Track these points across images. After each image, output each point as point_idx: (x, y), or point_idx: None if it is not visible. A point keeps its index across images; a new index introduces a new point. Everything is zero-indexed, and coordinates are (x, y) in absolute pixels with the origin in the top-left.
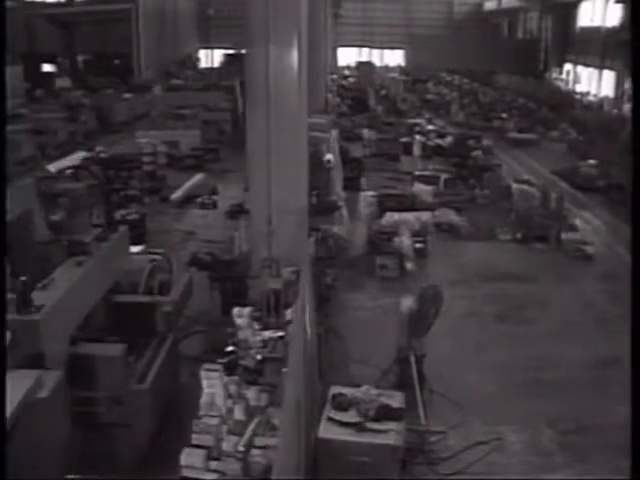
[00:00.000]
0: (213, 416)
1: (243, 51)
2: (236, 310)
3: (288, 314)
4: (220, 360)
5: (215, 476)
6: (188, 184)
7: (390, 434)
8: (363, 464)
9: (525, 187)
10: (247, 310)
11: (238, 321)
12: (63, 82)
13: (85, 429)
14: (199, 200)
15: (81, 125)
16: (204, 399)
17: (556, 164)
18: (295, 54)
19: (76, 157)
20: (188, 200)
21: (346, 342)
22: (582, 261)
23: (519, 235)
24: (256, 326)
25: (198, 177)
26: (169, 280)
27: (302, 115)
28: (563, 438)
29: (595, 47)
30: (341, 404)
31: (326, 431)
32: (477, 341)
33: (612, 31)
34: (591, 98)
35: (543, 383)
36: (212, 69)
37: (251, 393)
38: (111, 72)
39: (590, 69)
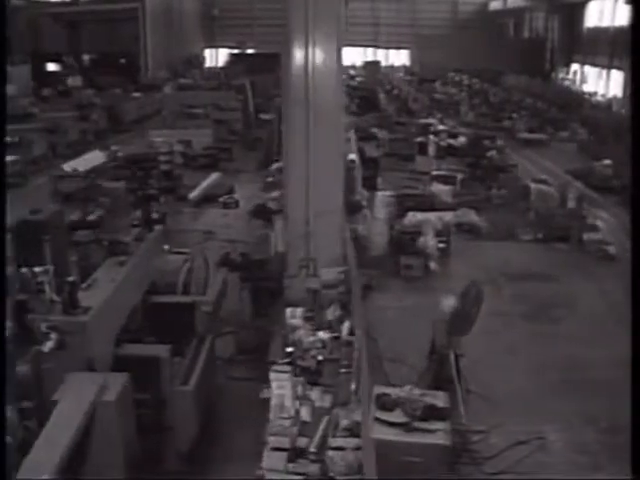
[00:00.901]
0: (285, 418)
1: (249, 51)
2: (289, 311)
3: (329, 314)
4: (282, 361)
5: (300, 477)
6: (205, 183)
7: (439, 434)
8: (413, 464)
9: (543, 187)
10: (300, 311)
11: (292, 322)
12: (74, 81)
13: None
14: (221, 200)
15: (92, 124)
16: (274, 401)
17: (568, 164)
18: (335, 54)
19: (91, 156)
20: (206, 199)
21: (377, 343)
22: (605, 261)
23: (540, 235)
24: (309, 326)
25: (214, 176)
26: (206, 280)
27: (339, 115)
28: (603, 436)
29: (603, 47)
30: (385, 404)
31: (374, 431)
32: (508, 341)
33: (620, 30)
34: (599, 98)
35: (576, 382)
36: (221, 68)
37: (315, 394)
38: (117, 71)
39: (597, 69)
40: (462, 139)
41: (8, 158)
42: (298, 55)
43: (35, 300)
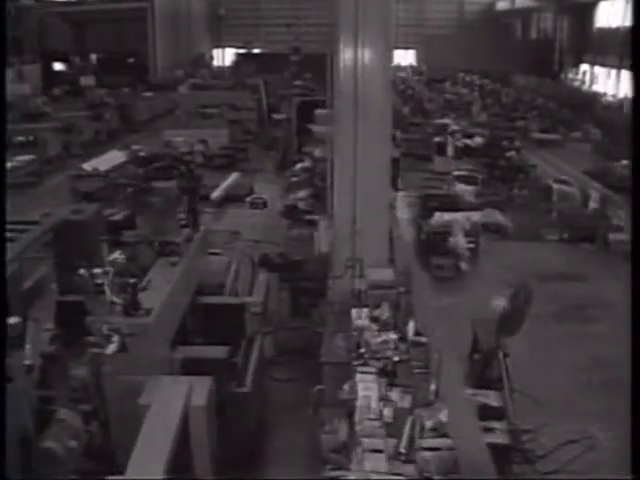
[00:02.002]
0: (372, 419)
1: (255, 50)
2: (355, 311)
3: (379, 314)
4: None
5: (401, 478)
6: (226, 183)
7: (497, 433)
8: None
9: (565, 187)
10: (365, 311)
11: (358, 323)
12: (87, 80)
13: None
14: (248, 200)
15: (105, 124)
16: (360, 402)
17: (584, 164)
18: (384, 53)
19: (110, 156)
20: (227, 199)
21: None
22: None
23: (566, 235)
24: (374, 327)
25: (234, 176)
26: (252, 281)
27: (388, 115)
28: None
29: (614, 47)
30: None
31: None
32: (544, 340)
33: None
34: (609, 98)
35: (616, 381)
36: (231, 67)
37: (395, 394)
38: (125, 71)
39: (606, 69)
40: (479, 139)
41: (26, 158)
42: (347, 55)
43: (92, 301)
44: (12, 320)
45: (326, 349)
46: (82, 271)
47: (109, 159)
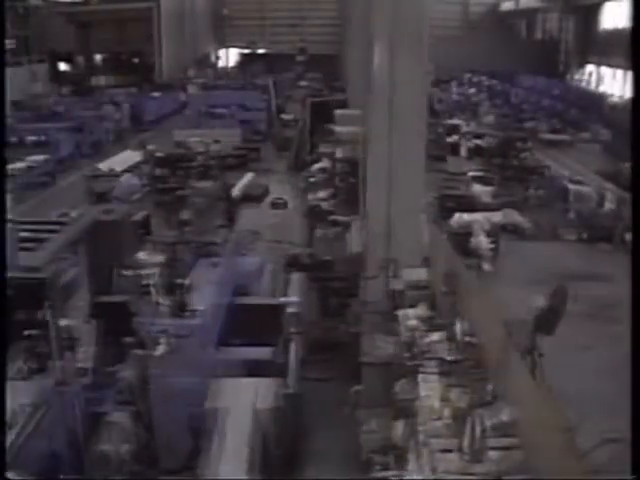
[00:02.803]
0: (435, 419)
1: (259, 50)
2: (402, 312)
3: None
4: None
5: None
6: (242, 183)
7: None
8: None
9: (582, 188)
10: (413, 312)
11: (408, 323)
12: (98, 80)
13: None
14: (269, 200)
15: (116, 123)
16: (422, 403)
17: (595, 165)
18: (419, 56)
19: (125, 156)
20: (244, 199)
21: None
22: None
23: (585, 235)
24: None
25: (249, 176)
26: (287, 281)
27: (423, 115)
28: None
29: (620, 47)
30: None
31: None
32: (574, 340)
33: None
34: (615, 99)
35: None
36: (236, 67)
37: (454, 394)
38: (129, 71)
39: (612, 70)
40: (490, 140)
41: (38, 157)
42: (382, 57)
43: (137, 302)
44: (64, 322)
45: (366, 349)
46: (127, 272)
47: (124, 159)
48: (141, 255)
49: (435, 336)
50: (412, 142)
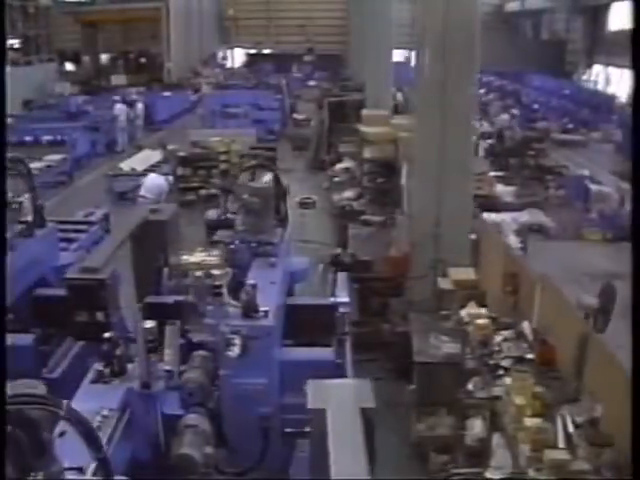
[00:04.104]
0: (525, 417)
1: (265, 51)
2: (466, 312)
3: (463, 314)
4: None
5: None
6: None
7: None
8: None
9: (604, 188)
10: (483, 311)
11: (478, 322)
12: (118, 79)
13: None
14: (297, 200)
15: (130, 122)
16: (509, 400)
17: (609, 165)
18: (470, 57)
19: (145, 155)
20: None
21: None
22: None
23: (609, 235)
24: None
25: (269, 176)
26: (334, 281)
27: (472, 117)
28: None
29: (628, 48)
30: None
31: None
32: (613, 340)
33: None
34: (624, 99)
35: None
36: (242, 67)
37: (539, 392)
38: (137, 70)
39: (620, 70)
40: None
41: (56, 157)
42: (433, 58)
43: (204, 303)
44: (148, 324)
45: (418, 349)
46: (198, 273)
47: (144, 159)
48: (197, 255)
49: (504, 334)
50: (462, 142)
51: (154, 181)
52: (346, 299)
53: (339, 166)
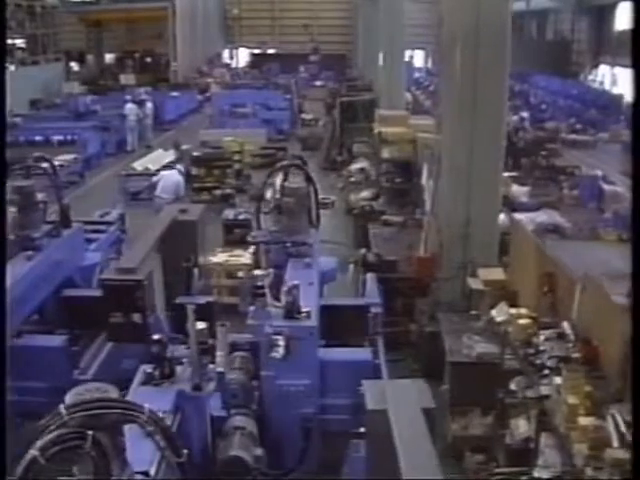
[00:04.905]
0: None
1: (270, 51)
2: (513, 311)
3: (494, 313)
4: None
5: None
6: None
7: None
8: None
9: (618, 188)
10: (524, 311)
11: (521, 322)
12: (128, 79)
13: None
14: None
15: (139, 122)
16: (559, 399)
17: (619, 165)
18: (503, 57)
19: (157, 155)
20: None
21: None
22: None
23: (624, 236)
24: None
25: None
26: (364, 282)
27: (503, 118)
28: None
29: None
30: None
31: None
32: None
33: None
34: (628, 99)
35: None
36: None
37: (588, 391)
38: (142, 70)
39: (626, 70)
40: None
41: (67, 157)
42: (463, 57)
43: (245, 304)
44: (200, 325)
45: (450, 349)
46: (240, 273)
47: (157, 158)
48: (230, 255)
49: (545, 334)
50: (493, 142)
51: (170, 179)
52: (377, 299)
53: (354, 166)
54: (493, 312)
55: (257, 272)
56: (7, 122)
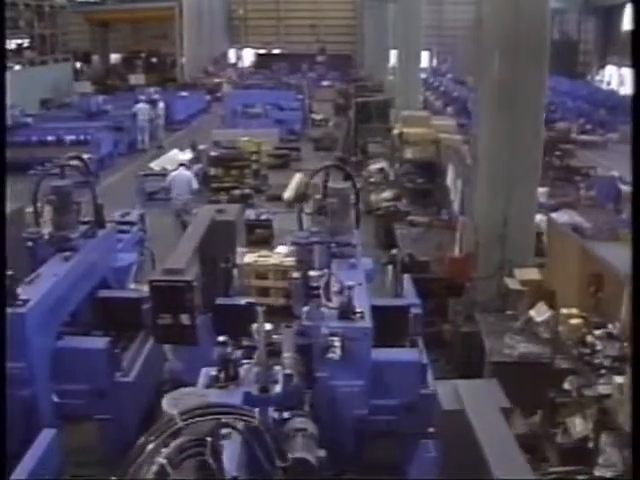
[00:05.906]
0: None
1: (275, 51)
2: (565, 311)
3: (533, 313)
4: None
5: None
6: (293, 183)
7: None
8: None
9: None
10: (575, 311)
11: (572, 322)
12: (137, 79)
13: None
14: None
15: (151, 122)
16: (621, 398)
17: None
18: (541, 62)
19: (173, 155)
20: (297, 199)
21: None
22: None
23: None
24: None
25: (299, 176)
26: (401, 282)
27: (542, 119)
28: None
29: None
30: None
31: None
32: None
33: None
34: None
35: None
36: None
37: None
38: (148, 70)
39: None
40: None
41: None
42: (503, 59)
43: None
44: (267, 326)
45: (491, 349)
46: (295, 274)
47: (174, 158)
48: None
49: (596, 334)
50: (532, 142)
51: (181, 178)
52: (417, 300)
53: (373, 166)
54: (532, 312)
55: (312, 273)
56: (19, 122)
